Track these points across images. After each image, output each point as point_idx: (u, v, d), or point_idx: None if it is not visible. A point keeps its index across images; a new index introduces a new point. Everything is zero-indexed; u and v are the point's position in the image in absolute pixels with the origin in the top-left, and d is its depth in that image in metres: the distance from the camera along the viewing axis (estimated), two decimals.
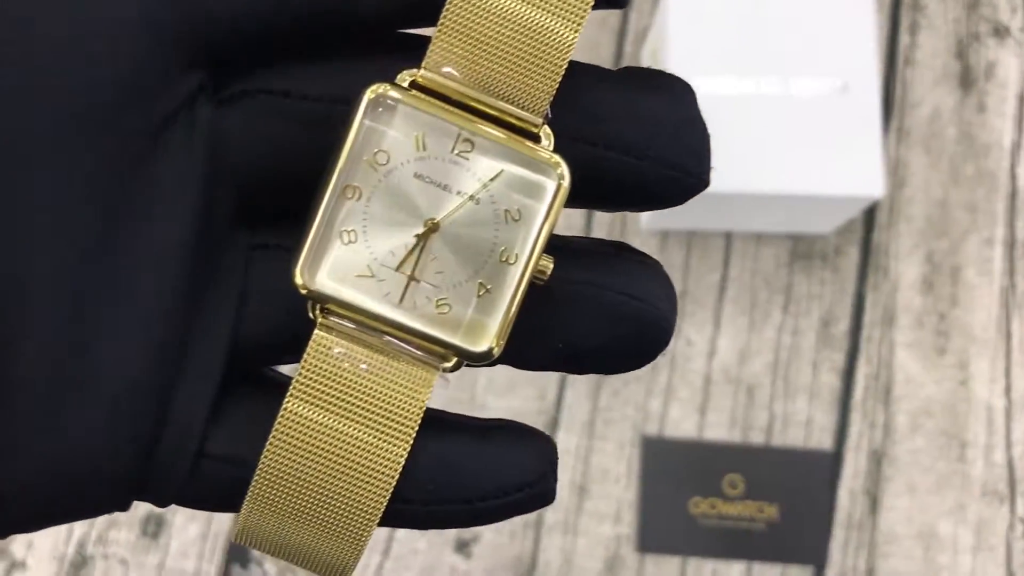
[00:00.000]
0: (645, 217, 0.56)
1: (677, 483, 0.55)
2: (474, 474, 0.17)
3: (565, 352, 0.17)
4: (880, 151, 0.49)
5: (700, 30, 0.50)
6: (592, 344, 0.17)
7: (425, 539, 0.54)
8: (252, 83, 0.16)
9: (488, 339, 0.16)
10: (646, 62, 0.57)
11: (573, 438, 0.55)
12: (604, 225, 0.57)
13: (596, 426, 0.55)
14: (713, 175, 0.18)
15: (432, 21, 0.15)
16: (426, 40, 0.16)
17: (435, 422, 0.17)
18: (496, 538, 0.54)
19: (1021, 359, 0.56)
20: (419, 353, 0.16)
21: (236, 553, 0.54)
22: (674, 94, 0.17)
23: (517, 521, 0.54)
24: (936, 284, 0.57)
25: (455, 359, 0.16)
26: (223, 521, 0.54)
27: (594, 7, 0.16)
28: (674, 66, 0.50)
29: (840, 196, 0.49)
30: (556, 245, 0.17)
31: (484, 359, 0.16)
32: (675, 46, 0.50)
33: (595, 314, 0.17)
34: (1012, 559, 0.54)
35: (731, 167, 0.49)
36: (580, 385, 0.55)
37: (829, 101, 0.50)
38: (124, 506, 0.17)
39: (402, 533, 0.54)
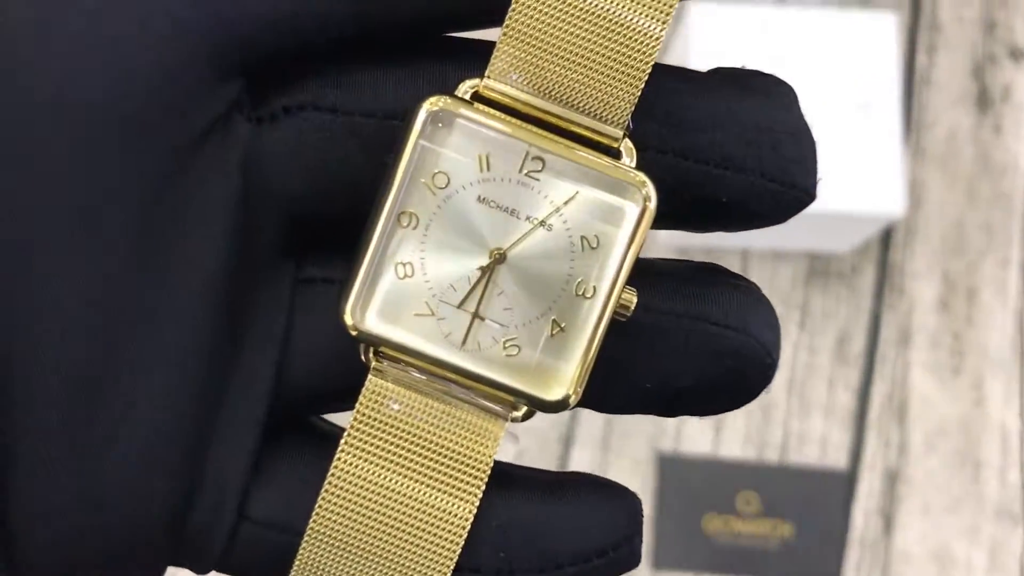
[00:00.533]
0: (662, 233, 0.56)
1: (692, 500, 0.54)
2: (550, 538, 0.14)
3: (653, 393, 0.15)
4: (901, 170, 0.49)
5: (721, 49, 0.50)
6: (684, 384, 0.14)
7: None
8: (295, 97, 0.14)
9: (563, 386, 0.13)
10: None
11: (587, 454, 0.55)
12: None
13: (611, 442, 0.55)
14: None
15: (492, 22, 0.13)
16: (489, 46, 0.13)
17: (503, 478, 0.14)
18: None
19: None
20: (485, 402, 0.14)
21: None
22: (774, 97, 0.15)
23: None
24: (952, 304, 0.57)
25: (526, 408, 0.14)
26: None
27: None
28: None
29: (861, 214, 0.49)
30: (639, 269, 0.14)
31: (559, 408, 0.14)
32: (696, 62, 0.50)
33: (688, 350, 0.14)
34: None
35: None
36: None
37: (850, 120, 0.50)
38: (156, 573, 0.15)
39: None
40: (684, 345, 0.14)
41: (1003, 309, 0.57)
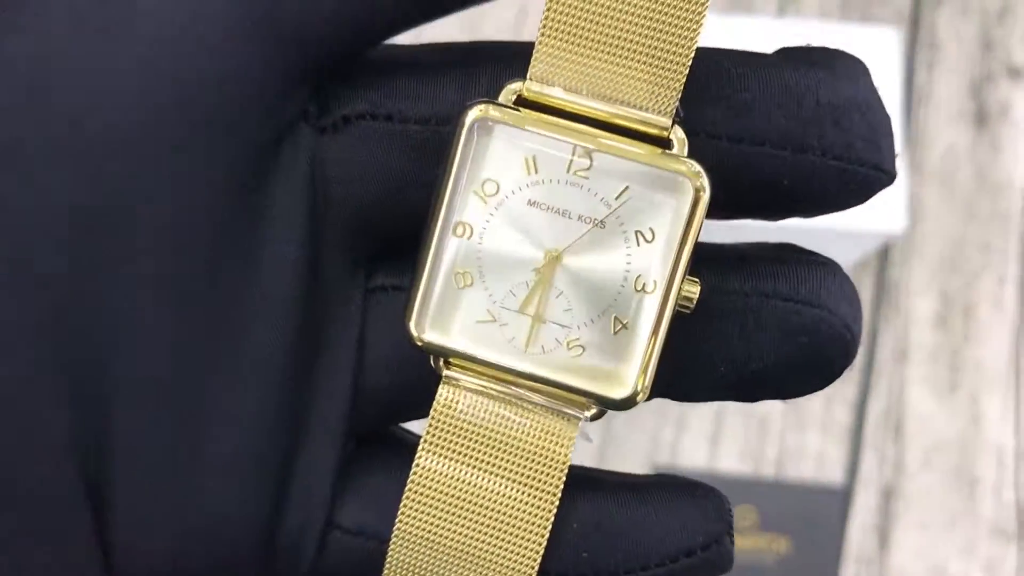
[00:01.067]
0: None
1: None
2: (634, 539, 0.14)
3: (730, 377, 0.14)
4: (902, 186, 0.49)
5: None
6: (758, 366, 0.14)
7: None
8: (354, 107, 0.13)
9: (629, 383, 0.13)
10: None
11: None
12: None
13: (607, 454, 0.55)
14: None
15: None
16: (531, 46, 0.13)
17: (585, 480, 0.14)
18: None
19: None
20: (555, 404, 0.14)
21: None
22: (838, 70, 0.14)
23: None
24: (949, 321, 0.57)
25: (596, 408, 0.14)
26: None
27: None
28: None
29: (860, 231, 0.49)
30: (706, 256, 0.14)
31: (628, 406, 0.14)
32: None
33: (762, 328, 0.14)
34: None
35: None
36: None
37: None
38: None
39: None
40: (755, 324, 0.14)
41: (1000, 326, 0.57)
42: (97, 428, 0.13)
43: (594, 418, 0.14)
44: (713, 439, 0.55)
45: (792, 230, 0.49)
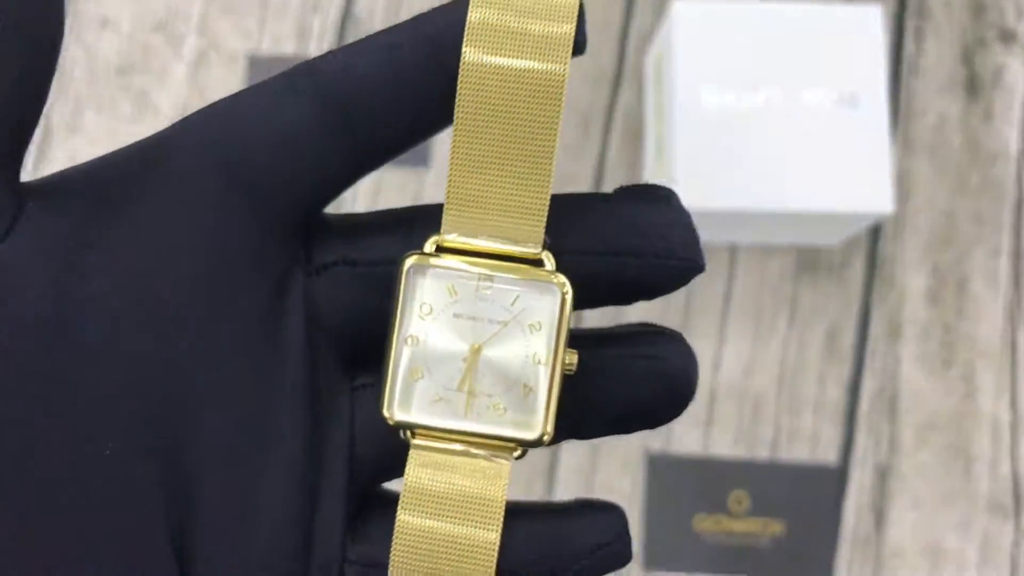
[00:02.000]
0: None
1: (682, 499, 0.54)
2: (561, 543, 0.20)
3: (611, 417, 0.20)
4: (889, 166, 0.48)
5: (706, 41, 0.49)
6: (631, 406, 0.20)
7: None
8: (328, 257, 0.19)
9: (538, 428, 0.19)
10: (650, 70, 0.56)
11: (577, 457, 0.54)
12: None
13: (600, 443, 0.54)
14: (720, 193, 0.22)
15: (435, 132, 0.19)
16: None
17: (524, 508, 0.20)
18: None
19: None
20: (491, 452, 0.19)
21: None
22: (660, 201, 0.19)
23: None
24: (942, 296, 0.56)
25: (520, 449, 0.19)
26: None
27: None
28: (679, 78, 0.49)
29: (849, 213, 0.48)
30: (590, 335, 0.20)
31: (540, 444, 0.19)
32: (681, 58, 0.49)
33: (628, 379, 0.20)
34: (1017, 574, 0.54)
35: (737, 184, 0.48)
36: None
37: (837, 115, 0.49)
38: None
39: None
40: (625, 377, 0.20)
41: (993, 300, 0.56)
42: (185, 491, 0.18)
43: (519, 457, 0.19)
44: (706, 423, 0.55)
45: (792, 216, 0.48)
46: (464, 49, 0.17)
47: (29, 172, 0.57)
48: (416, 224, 0.19)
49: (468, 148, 0.18)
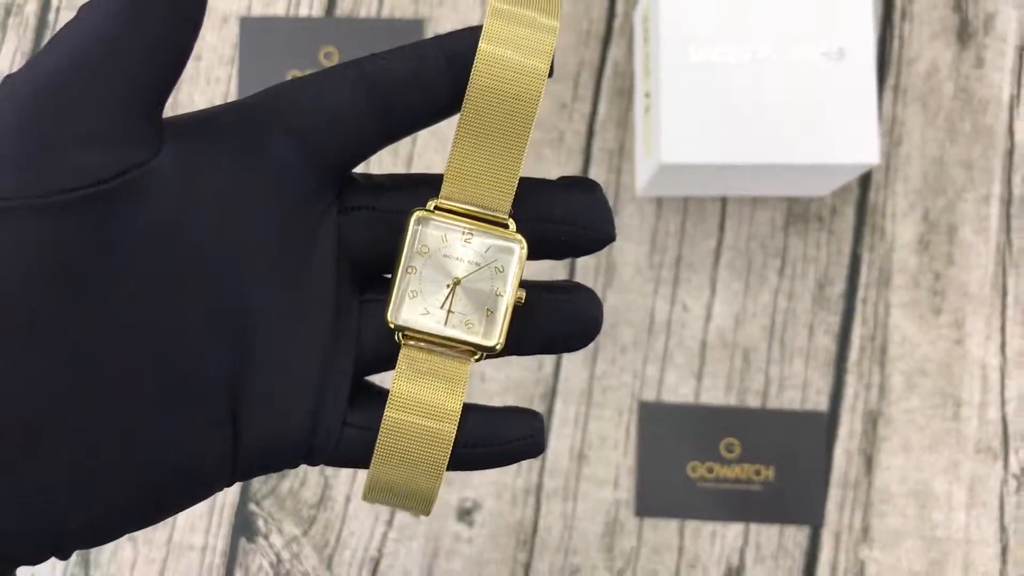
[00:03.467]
0: (640, 184, 0.56)
1: (675, 448, 0.55)
2: (500, 429, 0.27)
3: (542, 342, 0.27)
4: (876, 117, 0.49)
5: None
6: (557, 334, 0.27)
7: None
8: (354, 202, 0.26)
9: (495, 338, 0.26)
10: (639, 27, 0.56)
11: (571, 407, 0.55)
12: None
13: (594, 394, 0.56)
14: (708, 147, 0.40)
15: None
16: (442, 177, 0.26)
17: (475, 407, 0.27)
18: (497, 505, 0.55)
19: (1016, 316, 0.56)
20: (458, 353, 0.26)
21: (243, 527, 0.55)
22: (585, 188, 0.27)
23: (518, 487, 0.55)
24: (932, 243, 0.57)
25: (480, 353, 0.26)
26: (230, 494, 0.55)
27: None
28: (665, 34, 0.49)
29: (835, 164, 0.49)
30: (535, 284, 0.27)
31: (494, 351, 0.26)
32: (667, 13, 0.49)
33: (553, 315, 0.27)
34: (1004, 514, 0.55)
35: (725, 138, 0.49)
36: (576, 354, 0.56)
37: (824, 68, 0.49)
38: (295, 465, 0.26)
39: None
40: (551, 313, 0.27)
41: (984, 246, 0.57)
42: (237, 357, 0.25)
43: (479, 359, 0.26)
44: (698, 374, 0.56)
45: (780, 168, 0.48)
46: (474, 71, 0.25)
47: None
48: (420, 187, 0.27)
49: (466, 135, 0.25)
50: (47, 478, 0.23)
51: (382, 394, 0.26)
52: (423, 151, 0.57)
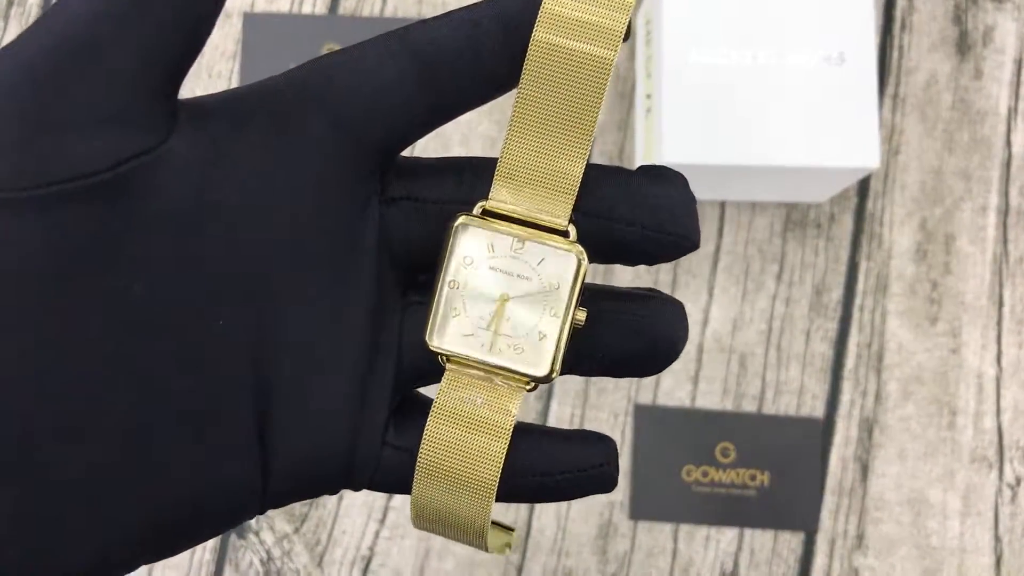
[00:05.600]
0: None
1: (670, 451, 0.55)
2: (563, 455, 0.23)
3: (605, 363, 0.23)
4: (876, 122, 0.49)
5: (694, 0, 0.50)
6: (620, 355, 0.23)
7: None
8: (396, 192, 0.23)
9: (546, 367, 0.22)
10: (640, 29, 0.56)
11: (567, 408, 0.55)
12: None
13: (589, 395, 0.55)
14: (708, 149, 0.31)
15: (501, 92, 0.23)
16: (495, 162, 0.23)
17: (532, 429, 0.24)
18: None
19: (1012, 327, 0.56)
20: (508, 382, 0.23)
21: None
22: (661, 179, 0.22)
23: None
24: (929, 252, 0.57)
25: (532, 383, 0.23)
26: None
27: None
28: (667, 37, 0.50)
29: (835, 168, 0.49)
30: (602, 290, 0.23)
31: (547, 380, 0.22)
32: (669, 16, 0.50)
33: (622, 332, 0.23)
34: (999, 524, 0.55)
35: (725, 140, 0.49)
36: None
37: (825, 72, 0.49)
38: (335, 490, 0.24)
39: (397, 500, 0.54)
40: (620, 329, 0.23)
41: (981, 256, 0.57)
42: (267, 369, 0.22)
43: (531, 390, 0.23)
44: (694, 378, 0.56)
45: (780, 171, 0.49)
46: (535, 31, 0.21)
47: None
48: (466, 173, 0.23)
49: (524, 118, 0.22)
50: (46, 502, 0.20)
51: (427, 410, 0.23)
52: (423, 153, 0.57)
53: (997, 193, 0.57)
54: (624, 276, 0.56)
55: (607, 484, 0.23)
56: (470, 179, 0.23)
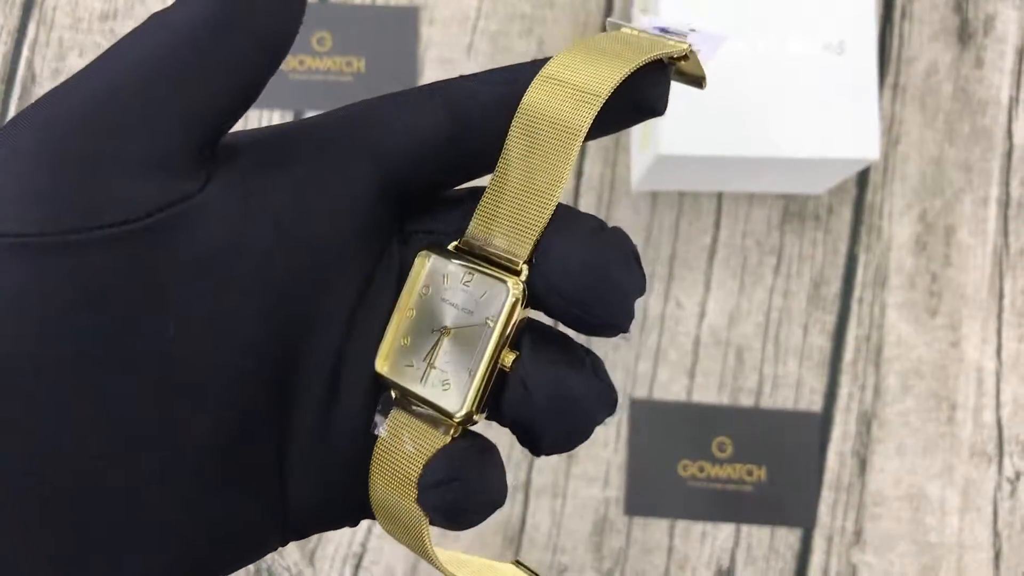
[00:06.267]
0: (635, 179, 0.55)
1: (666, 446, 0.54)
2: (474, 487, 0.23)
3: (510, 423, 0.23)
4: (876, 112, 0.48)
5: None
6: (532, 425, 0.22)
7: None
8: (413, 225, 0.24)
9: (456, 406, 0.22)
10: (636, 18, 0.56)
11: None
12: (594, 188, 0.56)
13: None
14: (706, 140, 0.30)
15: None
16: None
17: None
18: None
19: (1012, 319, 0.56)
20: (435, 413, 0.22)
21: None
22: (607, 266, 0.22)
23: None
24: (929, 244, 0.56)
25: (455, 424, 0.22)
26: None
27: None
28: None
29: (835, 159, 0.48)
30: (537, 329, 0.23)
31: (466, 421, 0.22)
32: (668, 3, 0.49)
33: (528, 404, 0.22)
34: (998, 519, 0.54)
35: (724, 130, 0.48)
36: None
37: (825, 62, 0.49)
38: (355, 523, 0.24)
39: None
40: (527, 402, 0.22)
41: (981, 248, 0.56)
42: (287, 401, 0.22)
43: (455, 434, 0.22)
44: (691, 372, 0.55)
45: (778, 162, 0.48)
46: (525, 96, 0.22)
47: (12, 114, 0.57)
48: (469, 203, 0.24)
49: (503, 174, 0.23)
50: (85, 545, 0.20)
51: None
52: None
53: (998, 184, 0.57)
54: None
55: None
56: (473, 208, 0.23)
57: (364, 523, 0.53)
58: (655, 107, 0.23)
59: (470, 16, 0.58)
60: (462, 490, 0.22)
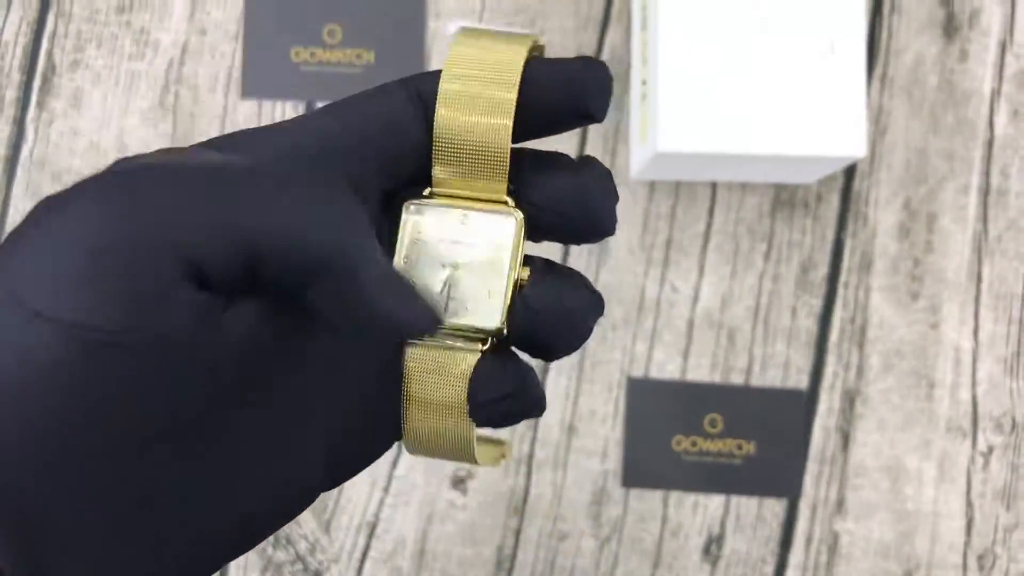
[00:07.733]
0: (634, 169, 0.58)
1: (661, 422, 0.58)
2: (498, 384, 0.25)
3: (522, 343, 0.25)
4: (863, 112, 0.51)
5: None
6: (543, 338, 0.25)
7: (423, 476, 0.57)
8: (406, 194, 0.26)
9: (497, 320, 0.24)
10: (636, 14, 0.58)
11: (563, 380, 0.58)
12: None
13: (585, 369, 0.58)
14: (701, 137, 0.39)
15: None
16: None
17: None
18: (490, 474, 0.57)
19: (989, 302, 0.59)
20: (467, 341, 0.25)
21: None
22: (578, 169, 0.25)
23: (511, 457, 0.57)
24: (912, 231, 0.59)
25: (486, 337, 0.25)
26: None
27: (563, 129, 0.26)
28: (663, 24, 0.51)
29: (823, 157, 0.51)
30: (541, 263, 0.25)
31: (498, 333, 0.24)
32: (665, 3, 0.51)
33: (544, 321, 0.25)
34: (971, 490, 0.58)
35: (718, 127, 0.50)
36: None
37: (815, 61, 0.51)
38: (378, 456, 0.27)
39: (402, 470, 0.57)
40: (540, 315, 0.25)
41: (961, 234, 0.59)
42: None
43: (484, 349, 0.25)
44: (685, 352, 0.58)
45: (769, 158, 0.50)
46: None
47: (34, 105, 0.59)
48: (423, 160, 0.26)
49: (449, 122, 0.24)
50: (151, 522, 0.22)
51: None
52: None
53: (979, 173, 0.59)
54: (618, 254, 0.58)
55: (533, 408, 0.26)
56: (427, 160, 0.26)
57: (377, 495, 0.57)
58: (596, 116, 0.25)
59: (476, 9, 0.60)
60: (517, 399, 0.25)
